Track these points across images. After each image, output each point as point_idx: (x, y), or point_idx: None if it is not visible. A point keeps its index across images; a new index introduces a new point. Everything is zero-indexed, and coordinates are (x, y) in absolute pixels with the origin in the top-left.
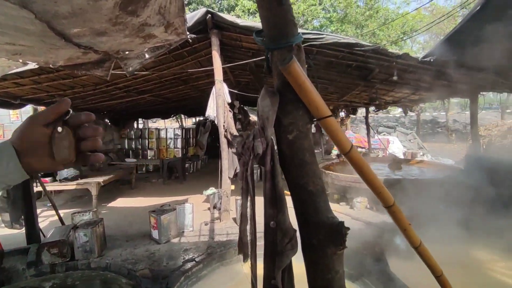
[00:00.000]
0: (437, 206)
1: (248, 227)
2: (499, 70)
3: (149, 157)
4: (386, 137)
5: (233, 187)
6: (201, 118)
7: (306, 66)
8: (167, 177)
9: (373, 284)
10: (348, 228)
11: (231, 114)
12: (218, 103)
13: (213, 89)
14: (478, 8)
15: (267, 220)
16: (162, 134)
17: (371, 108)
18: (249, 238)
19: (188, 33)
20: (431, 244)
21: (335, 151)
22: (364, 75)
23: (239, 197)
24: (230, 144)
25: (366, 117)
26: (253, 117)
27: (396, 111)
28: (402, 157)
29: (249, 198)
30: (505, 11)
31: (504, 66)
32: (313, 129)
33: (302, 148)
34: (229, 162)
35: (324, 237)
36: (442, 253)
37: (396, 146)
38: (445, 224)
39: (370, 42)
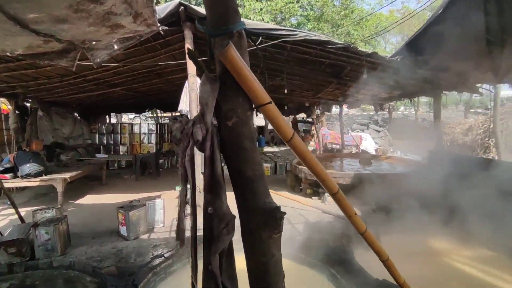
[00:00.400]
0: (402, 199)
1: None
2: (459, 71)
3: (121, 153)
4: (359, 134)
5: None
6: (178, 113)
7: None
8: (140, 173)
9: (339, 274)
10: (284, 213)
11: None
12: (191, 98)
13: (186, 83)
14: (440, 10)
15: (205, 206)
16: (136, 129)
17: (345, 105)
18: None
19: (159, 24)
20: (396, 234)
21: (311, 147)
22: (337, 73)
23: None
24: None
25: (340, 114)
26: None
27: (371, 109)
28: (374, 153)
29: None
30: (465, 15)
31: (464, 68)
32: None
33: (241, 134)
34: (201, 156)
35: (260, 222)
36: (406, 242)
37: (369, 143)
38: (409, 215)
39: (344, 41)
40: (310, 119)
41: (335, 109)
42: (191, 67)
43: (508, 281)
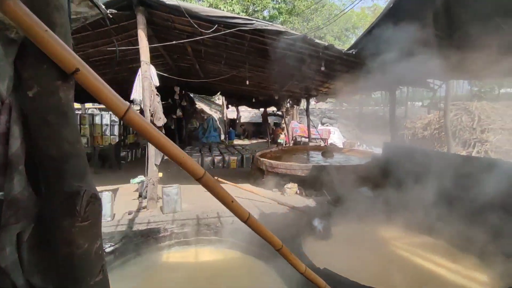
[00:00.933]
0: (355, 189)
1: None
2: (410, 67)
3: None
4: (328, 128)
5: (161, 174)
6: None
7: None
8: (99, 166)
9: (284, 263)
10: (92, 200)
11: (158, 98)
12: (144, 86)
13: (139, 71)
14: (391, 6)
15: None
16: (97, 120)
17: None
18: None
19: (104, 7)
20: (348, 224)
21: (281, 140)
22: (298, 66)
23: (168, 185)
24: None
25: (307, 108)
26: (200, 105)
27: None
28: (341, 146)
29: None
30: (415, 10)
31: (415, 63)
32: (255, 119)
33: (45, 106)
34: (156, 148)
35: (59, 207)
36: (356, 231)
37: (337, 136)
38: (362, 205)
39: (314, 36)
40: (280, 113)
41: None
42: (145, 54)
43: (443, 266)
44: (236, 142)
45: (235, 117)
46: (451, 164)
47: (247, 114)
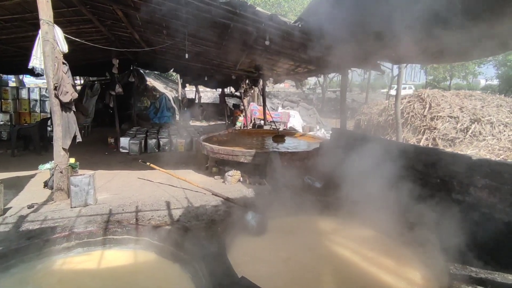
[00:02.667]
0: (298, 177)
1: None
2: (359, 48)
3: (1, 122)
4: (288, 111)
5: (72, 160)
6: (90, 79)
7: None
8: (21, 148)
9: (201, 270)
10: None
11: (65, 68)
12: (46, 52)
13: (39, 33)
14: None
15: None
16: (23, 94)
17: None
18: None
19: None
20: (287, 216)
21: (239, 123)
22: (245, 40)
23: (78, 174)
24: (64, 107)
25: (263, 89)
26: (154, 83)
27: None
28: (300, 130)
29: None
30: None
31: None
32: (217, 100)
33: None
34: (63, 128)
35: None
36: (294, 223)
37: (296, 120)
38: (303, 194)
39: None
40: (238, 94)
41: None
42: (45, 10)
43: (374, 261)
44: (193, 124)
45: (193, 97)
46: (391, 152)
47: (210, 95)
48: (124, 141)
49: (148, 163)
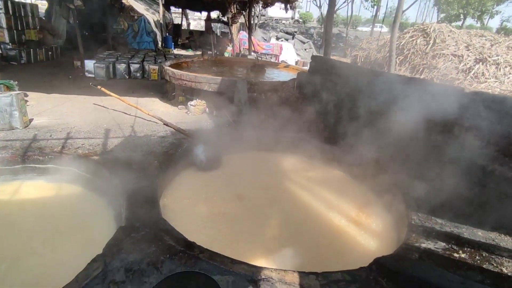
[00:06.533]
0: (268, 110)
1: None
2: None
3: None
4: (281, 43)
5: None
6: None
7: None
8: None
9: (123, 206)
10: None
11: None
12: None
13: None
14: None
15: None
16: None
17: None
18: None
19: None
20: (247, 151)
21: (227, 53)
22: None
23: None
24: None
25: (249, 14)
26: (134, 3)
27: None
28: (293, 64)
29: None
30: None
31: None
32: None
33: None
34: None
35: None
36: (253, 159)
37: (290, 53)
38: (270, 127)
39: None
40: (225, 19)
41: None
42: None
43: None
44: (178, 52)
45: (179, 23)
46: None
47: (204, 23)
48: (89, 64)
49: (99, 87)
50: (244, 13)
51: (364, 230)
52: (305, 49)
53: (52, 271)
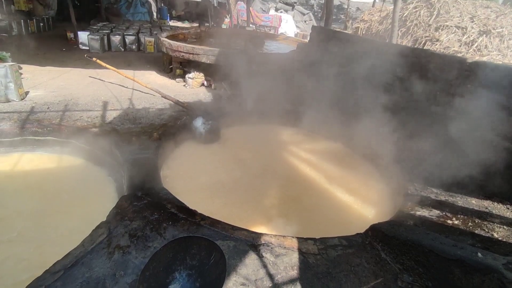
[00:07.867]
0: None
1: None
2: None
3: None
4: (281, 14)
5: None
6: None
7: None
8: None
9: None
10: None
11: None
12: None
13: None
14: None
15: None
16: None
17: None
18: None
19: None
20: (245, 125)
21: (225, 25)
22: None
23: None
24: None
25: None
26: None
27: None
28: (293, 36)
29: None
30: None
31: None
32: None
33: None
34: None
35: None
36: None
37: (289, 26)
38: (268, 100)
39: None
40: None
41: None
42: None
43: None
44: (174, 24)
45: None
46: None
47: None
48: (83, 36)
49: (94, 59)
50: None
51: (362, 199)
52: (305, 21)
53: (56, 240)
